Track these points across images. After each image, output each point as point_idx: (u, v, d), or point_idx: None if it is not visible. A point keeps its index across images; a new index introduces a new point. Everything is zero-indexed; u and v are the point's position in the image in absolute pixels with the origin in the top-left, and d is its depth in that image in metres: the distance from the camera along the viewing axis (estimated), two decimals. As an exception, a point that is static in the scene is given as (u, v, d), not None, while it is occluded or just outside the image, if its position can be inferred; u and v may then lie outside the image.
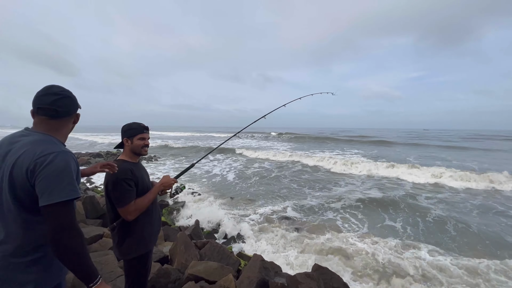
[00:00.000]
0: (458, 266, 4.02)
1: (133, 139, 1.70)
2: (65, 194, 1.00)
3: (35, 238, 1.04)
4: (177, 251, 3.24)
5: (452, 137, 41.98)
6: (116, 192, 1.53)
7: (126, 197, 1.54)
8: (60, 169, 1.01)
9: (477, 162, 15.03)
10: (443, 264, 4.07)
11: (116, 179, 1.53)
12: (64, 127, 1.18)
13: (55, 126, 1.14)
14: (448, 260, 4.20)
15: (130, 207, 1.55)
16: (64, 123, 1.17)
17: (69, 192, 1.01)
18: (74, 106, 1.19)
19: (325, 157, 15.12)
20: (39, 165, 0.99)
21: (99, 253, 3.01)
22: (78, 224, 1.06)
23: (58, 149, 1.06)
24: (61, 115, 1.14)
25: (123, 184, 1.54)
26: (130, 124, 1.73)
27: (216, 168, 13.36)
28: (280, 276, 3.12)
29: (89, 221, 4.39)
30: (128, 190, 1.55)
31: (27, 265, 1.03)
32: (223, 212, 6.22)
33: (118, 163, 1.62)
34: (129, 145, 1.69)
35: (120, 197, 1.54)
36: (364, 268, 4.01)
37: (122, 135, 1.71)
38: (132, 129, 1.70)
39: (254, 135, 43.89)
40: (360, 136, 39.40)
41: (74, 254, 1.01)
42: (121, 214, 1.56)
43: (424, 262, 4.16)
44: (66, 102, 1.14)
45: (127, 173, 1.57)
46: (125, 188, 1.54)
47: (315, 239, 4.94)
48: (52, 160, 1.01)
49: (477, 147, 24.43)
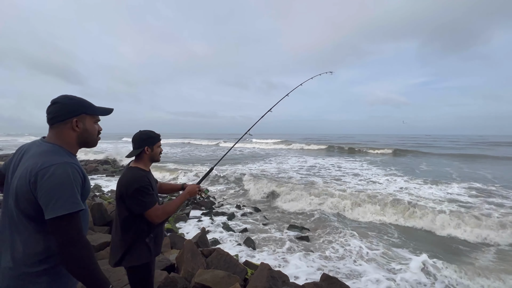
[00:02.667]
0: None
1: (153, 147, 1.75)
2: (67, 207, 0.98)
3: (45, 248, 1.04)
4: (184, 259, 3.22)
5: (465, 143, 40.36)
6: (139, 198, 1.57)
7: (152, 201, 1.60)
8: (61, 182, 1.00)
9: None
10: None
11: (138, 186, 1.57)
12: (63, 135, 1.13)
13: (56, 134, 1.13)
14: None
15: (157, 210, 1.60)
16: (60, 130, 1.13)
17: (71, 205, 1.00)
18: (65, 111, 1.12)
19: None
20: (40, 177, 0.98)
21: (107, 260, 3.00)
22: (85, 236, 1.06)
23: (60, 160, 1.04)
24: (53, 121, 1.12)
25: (144, 190, 1.58)
26: (148, 132, 1.76)
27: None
28: (288, 285, 3.06)
29: (97, 228, 4.42)
30: (151, 194, 1.62)
31: (38, 275, 1.03)
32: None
33: (134, 170, 1.66)
34: (149, 153, 1.73)
35: (146, 201, 1.58)
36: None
37: (142, 144, 1.71)
38: (152, 138, 1.75)
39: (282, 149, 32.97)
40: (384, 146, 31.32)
41: (82, 267, 1.01)
42: (148, 217, 1.59)
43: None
44: (55, 109, 1.12)
45: (145, 180, 1.63)
46: (148, 193, 1.60)
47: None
48: (53, 172, 0.99)
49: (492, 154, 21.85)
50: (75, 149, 1.19)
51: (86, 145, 1.23)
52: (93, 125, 1.23)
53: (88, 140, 1.22)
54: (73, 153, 1.17)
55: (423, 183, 10.13)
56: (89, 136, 1.21)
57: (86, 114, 1.19)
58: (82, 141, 1.20)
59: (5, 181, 1.14)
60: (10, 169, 1.11)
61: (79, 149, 1.21)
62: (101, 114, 1.27)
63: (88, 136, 1.21)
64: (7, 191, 1.09)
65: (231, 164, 16.35)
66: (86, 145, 1.23)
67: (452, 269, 4.07)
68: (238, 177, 11.35)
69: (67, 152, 1.13)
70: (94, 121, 1.24)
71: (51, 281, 1.06)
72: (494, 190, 8.97)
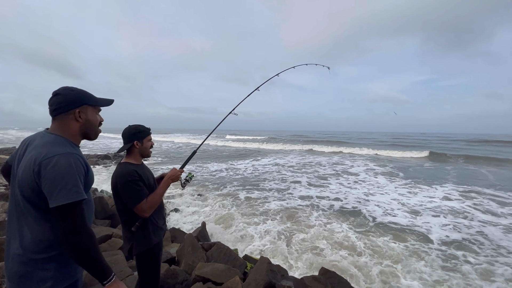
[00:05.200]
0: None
1: (143, 141, 1.75)
2: (70, 197, 1.00)
3: (52, 235, 1.07)
4: (184, 253, 3.27)
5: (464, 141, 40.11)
6: (127, 193, 1.59)
7: (138, 196, 1.60)
8: (64, 171, 1.02)
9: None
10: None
11: (124, 181, 1.59)
12: (65, 126, 1.15)
13: (58, 126, 1.15)
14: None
15: (144, 205, 1.61)
16: (63, 121, 1.15)
17: (74, 194, 1.01)
18: (67, 102, 1.13)
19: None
20: (43, 167, 1.00)
21: (108, 252, 3.06)
22: (87, 224, 1.08)
23: (63, 151, 1.06)
24: (56, 113, 1.13)
25: (131, 185, 1.60)
26: (137, 127, 1.75)
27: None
28: (287, 279, 3.11)
29: (98, 221, 4.46)
30: (138, 190, 1.61)
31: (45, 261, 1.06)
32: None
33: (123, 166, 1.68)
34: (139, 148, 1.73)
35: (132, 197, 1.60)
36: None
37: (131, 138, 1.71)
38: (141, 132, 1.74)
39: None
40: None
41: (85, 255, 1.04)
42: (137, 212, 1.62)
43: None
44: (57, 100, 1.13)
45: (133, 174, 1.63)
46: (134, 188, 1.60)
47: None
48: (56, 162, 1.01)
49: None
50: (78, 139, 1.21)
51: (88, 136, 1.24)
52: (95, 116, 1.25)
53: (90, 131, 1.24)
54: (76, 143, 1.19)
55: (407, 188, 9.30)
56: (92, 126, 1.23)
57: (88, 105, 1.20)
58: (85, 132, 1.21)
59: (11, 172, 1.17)
60: (16, 160, 1.14)
61: (82, 139, 1.23)
62: (102, 105, 1.28)
63: (91, 127, 1.23)
64: (13, 181, 1.11)
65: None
66: (88, 136, 1.24)
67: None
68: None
69: (70, 142, 1.15)
70: (96, 112, 1.26)
71: (59, 267, 1.09)
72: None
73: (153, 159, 17.29)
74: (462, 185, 9.97)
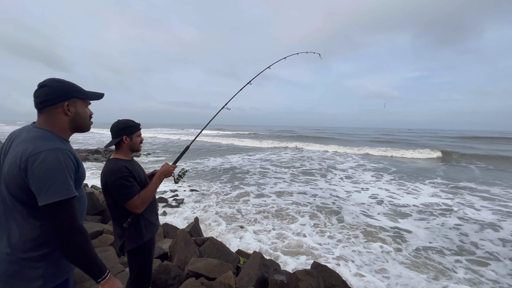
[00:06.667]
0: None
1: (132, 136, 1.71)
2: (60, 194, 0.97)
3: (41, 233, 1.03)
4: (177, 248, 3.25)
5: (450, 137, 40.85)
6: (118, 190, 1.56)
7: (129, 192, 1.57)
8: (53, 168, 0.97)
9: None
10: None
11: (115, 178, 1.55)
12: (53, 119, 1.09)
13: (46, 119, 1.09)
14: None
15: (136, 201, 1.58)
16: (50, 115, 1.09)
17: (64, 191, 0.98)
18: (55, 95, 1.07)
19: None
20: (30, 163, 0.96)
21: (99, 249, 3.02)
22: (79, 221, 1.05)
23: (52, 146, 1.01)
24: (42, 106, 1.07)
25: (122, 181, 1.56)
26: (126, 121, 1.72)
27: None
28: (280, 273, 3.14)
29: (89, 217, 4.39)
30: (129, 186, 1.58)
31: (35, 260, 1.03)
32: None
33: (112, 162, 1.64)
34: (128, 143, 1.70)
35: (124, 193, 1.56)
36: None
37: (120, 133, 1.67)
38: (131, 127, 1.70)
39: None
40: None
41: (77, 253, 1.01)
42: (128, 208, 1.58)
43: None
44: (44, 92, 1.07)
45: (124, 170, 1.59)
46: (125, 184, 1.57)
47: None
48: (44, 158, 0.97)
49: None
50: (67, 134, 1.16)
51: (79, 129, 1.20)
52: (85, 109, 1.20)
53: (81, 125, 1.19)
54: (65, 138, 1.14)
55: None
56: (82, 120, 1.18)
57: (77, 98, 1.15)
58: (75, 126, 1.17)
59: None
60: (1, 156, 1.09)
61: (72, 134, 1.19)
62: (92, 99, 1.23)
63: (81, 121, 1.18)
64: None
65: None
66: (79, 129, 1.20)
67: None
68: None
69: (59, 137, 1.10)
70: (86, 105, 1.21)
71: (49, 266, 1.06)
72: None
73: (156, 157, 17.01)
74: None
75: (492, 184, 9.70)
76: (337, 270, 3.35)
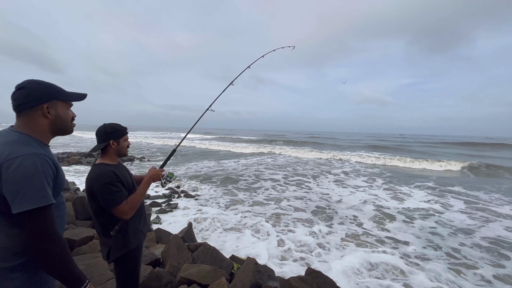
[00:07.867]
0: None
1: (120, 141, 1.67)
2: (35, 202, 0.92)
3: (19, 242, 0.98)
4: (169, 254, 3.19)
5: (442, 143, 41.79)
6: (105, 196, 1.50)
7: (117, 198, 1.52)
8: (28, 174, 0.93)
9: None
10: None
11: (101, 183, 1.50)
12: (31, 123, 1.04)
13: (24, 123, 1.04)
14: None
15: (124, 207, 1.53)
16: (29, 118, 1.04)
17: (40, 199, 0.93)
18: (33, 97, 1.02)
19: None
20: (5, 169, 0.91)
21: (89, 255, 2.94)
22: (56, 230, 1.00)
23: (29, 151, 0.96)
24: (21, 108, 1.02)
25: (109, 186, 1.51)
26: (113, 125, 1.68)
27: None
28: (274, 279, 3.10)
29: (79, 222, 4.29)
30: (116, 191, 1.53)
31: (12, 270, 0.98)
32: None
33: (99, 167, 1.59)
34: (115, 147, 1.65)
35: (111, 199, 1.50)
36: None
37: (107, 138, 1.63)
38: (118, 131, 1.67)
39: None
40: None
41: (53, 263, 0.96)
42: (116, 214, 1.53)
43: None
44: (21, 94, 1.02)
45: (111, 175, 1.54)
46: (112, 190, 1.51)
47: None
48: (20, 164, 0.92)
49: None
50: (47, 138, 1.11)
51: (61, 132, 1.15)
52: (67, 111, 1.15)
53: (62, 128, 1.14)
54: (44, 142, 1.09)
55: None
56: (64, 123, 1.14)
57: (58, 100, 1.10)
58: (56, 129, 1.12)
59: None
60: None
61: (52, 137, 1.14)
62: (74, 100, 1.18)
63: (62, 124, 1.13)
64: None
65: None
66: (61, 132, 1.15)
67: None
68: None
69: (38, 141, 1.05)
70: (67, 107, 1.16)
71: (27, 276, 1.01)
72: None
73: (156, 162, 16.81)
74: None
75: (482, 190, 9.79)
76: (331, 276, 3.32)
